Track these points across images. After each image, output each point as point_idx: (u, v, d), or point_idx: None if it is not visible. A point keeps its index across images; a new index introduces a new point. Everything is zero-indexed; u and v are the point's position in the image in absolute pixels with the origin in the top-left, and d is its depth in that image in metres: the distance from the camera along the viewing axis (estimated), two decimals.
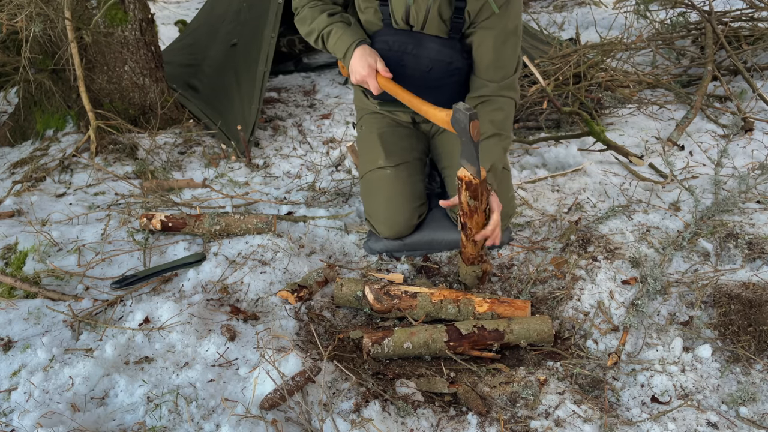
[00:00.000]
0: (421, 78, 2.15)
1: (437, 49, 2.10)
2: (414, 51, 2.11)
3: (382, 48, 2.13)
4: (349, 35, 2.12)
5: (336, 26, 2.15)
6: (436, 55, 2.11)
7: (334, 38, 2.14)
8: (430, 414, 1.64)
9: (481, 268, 2.13)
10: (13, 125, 3.46)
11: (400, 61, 2.13)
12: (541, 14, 5.55)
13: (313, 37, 2.22)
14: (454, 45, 2.11)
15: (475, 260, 2.10)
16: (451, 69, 2.14)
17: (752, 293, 1.92)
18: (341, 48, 2.13)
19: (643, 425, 1.60)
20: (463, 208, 1.95)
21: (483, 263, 2.12)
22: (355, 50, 2.09)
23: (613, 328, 1.91)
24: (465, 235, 2.03)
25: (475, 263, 2.11)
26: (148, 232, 2.40)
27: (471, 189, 1.88)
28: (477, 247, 2.04)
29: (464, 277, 2.17)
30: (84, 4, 3.11)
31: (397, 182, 2.29)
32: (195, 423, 1.59)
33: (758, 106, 3.37)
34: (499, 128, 2.11)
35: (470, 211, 1.94)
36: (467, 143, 1.83)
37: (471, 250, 2.06)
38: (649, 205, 2.51)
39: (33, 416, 1.58)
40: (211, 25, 4.05)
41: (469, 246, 2.05)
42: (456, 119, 1.85)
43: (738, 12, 4.10)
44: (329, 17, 2.17)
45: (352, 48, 2.10)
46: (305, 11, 2.22)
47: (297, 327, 1.95)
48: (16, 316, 1.97)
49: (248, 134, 3.12)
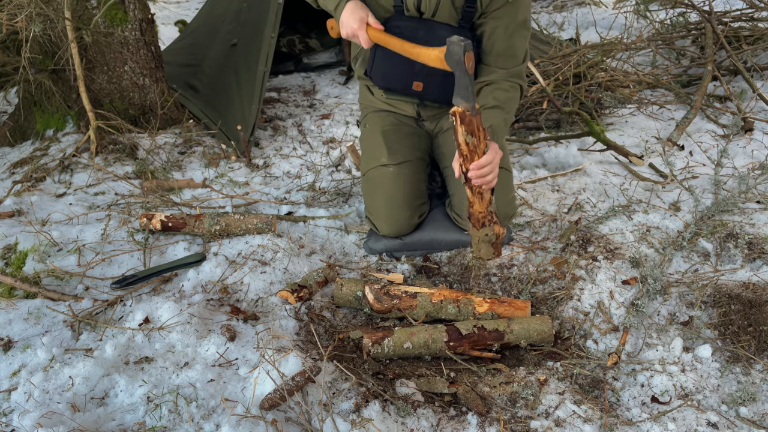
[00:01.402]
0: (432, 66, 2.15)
1: (447, 36, 2.11)
2: (425, 38, 2.11)
3: (393, 34, 2.12)
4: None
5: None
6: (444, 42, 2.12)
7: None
8: (430, 414, 1.64)
9: (493, 230, 1.99)
10: (13, 125, 3.46)
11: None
12: (541, 14, 5.55)
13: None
14: (464, 33, 2.12)
15: (485, 220, 1.97)
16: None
17: (752, 293, 1.92)
18: (333, 1, 2.12)
19: (643, 425, 1.60)
20: (462, 151, 1.84)
21: (494, 224, 1.99)
22: (347, 4, 2.08)
23: (613, 328, 1.91)
24: (470, 189, 1.91)
25: (486, 224, 1.98)
26: (148, 232, 2.40)
27: (466, 123, 1.79)
28: (485, 200, 1.93)
29: (478, 247, 2.04)
30: (84, 4, 3.11)
31: (399, 180, 2.29)
32: (195, 423, 1.59)
33: (758, 106, 3.37)
34: (501, 103, 2.11)
35: (470, 152, 1.83)
36: (462, 77, 1.78)
37: (479, 206, 1.94)
38: (649, 205, 2.51)
39: (33, 416, 1.58)
40: (211, 25, 4.05)
41: (476, 202, 1.93)
42: (450, 52, 1.80)
43: (738, 12, 4.10)
44: None
45: (344, 2, 2.09)
46: None
47: (297, 327, 1.95)
48: (16, 316, 1.97)
49: (248, 134, 3.12)
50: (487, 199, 1.94)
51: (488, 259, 2.09)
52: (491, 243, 2.03)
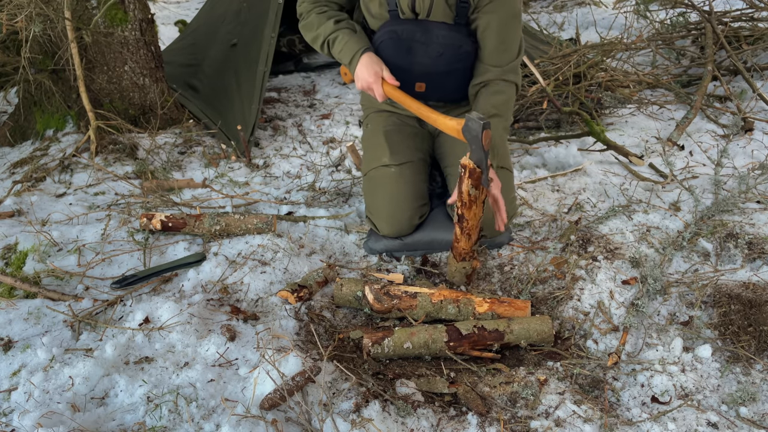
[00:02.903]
0: (432, 64, 2.18)
1: (445, 34, 2.14)
2: (422, 38, 2.14)
3: (390, 38, 2.16)
4: (355, 42, 2.15)
5: (342, 33, 2.18)
6: (444, 40, 2.15)
7: (340, 45, 2.18)
8: (430, 414, 1.64)
9: (471, 264, 2.12)
10: (13, 125, 3.46)
11: (409, 49, 2.16)
12: (541, 14, 5.55)
13: (319, 43, 2.25)
14: (461, 30, 2.15)
15: (466, 256, 2.09)
16: (461, 53, 2.17)
17: (752, 293, 1.91)
18: (347, 54, 2.16)
19: (643, 425, 1.60)
20: (463, 198, 1.94)
21: (473, 260, 2.11)
22: (361, 57, 2.13)
23: (613, 328, 1.91)
24: (460, 228, 2.02)
25: (467, 259, 2.10)
26: (148, 232, 2.40)
27: (474, 177, 1.87)
28: (471, 241, 2.04)
29: (452, 275, 2.16)
30: (84, 4, 3.11)
31: (400, 180, 2.29)
32: (195, 423, 1.59)
33: (758, 106, 3.37)
34: (499, 110, 2.16)
35: (470, 201, 1.93)
36: (477, 151, 1.85)
37: (465, 244, 2.05)
38: (649, 205, 2.51)
39: (33, 416, 1.58)
40: (211, 25, 4.05)
41: (463, 240, 2.04)
42: (468, 128, 1.86)
43: (738, 12, 4.10)
44: (336, 24, 2.20)
45: (358, 55, 2.14)
46: (312, 17, 2.25)
47: (297, 327, 1.95)
48: (16, 316, 1.97)
49: (248, 134, 3.12)
50: (474, 240, 2.04)
51: (460, 285, 2.19)
52: (466, 275, 2.15)
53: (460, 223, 2.00)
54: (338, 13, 2.25)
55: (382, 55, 2.18)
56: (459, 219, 2.00)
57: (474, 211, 1.96)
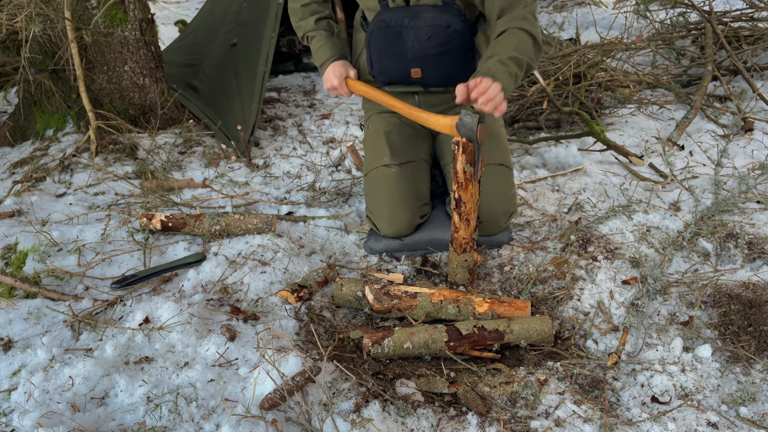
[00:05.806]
0: (422, 48, 2.17)
1: (433, 16, 2.14)
2: (411, 23, 2.15)
3: (379, 27, 2.19)
4: (328, 49, 2.31)
5: (319, 34, 2.33)
6: (432, 21, 2.14)
7: (316, 46, 2.34)
8: (430, 414, 1.64)
9: (472, 257, 2.10)
10: (13, 125, 3.46)
11: (399, 36, 2.17)
12: (541, 14, 5.55)
13: (300, 33, 2.40)
14: (450, 9, 2.14)
15: (467, 246, 2.07)
16: (450, 33, 2.14)
17: (752, 293, 1.91)
18: (319, 58, 2.33)
19: (643, 425, 1.60)
20: (458, 178, 1.92)
21: (474, 251, 2.09)
22: (330, 64, 2.28)
23: (613, 328, 1.91)
24: (458, 215, 2.00)
25: (467, 250, 2.08)
26: (148, 232, 2.40)
27: (467, 152, 1.87)
28: (470, 227, 2.02)
29: (454, 272, 2.15)
30: (84, 4, 3.11)
31: (401, 181, 2.29)
32: (195, 423, 1.59)
33: (758, 106, 3.37)
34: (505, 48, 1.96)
35: (465, 180, 1.92)
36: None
37: (464, 232, 2.03)
38: (649, 205, 2.51)
39: (33, 416, 1.58)
40: (211, 25, 4.05)
41: (462, 228, 2.02)
42: (463, 123, 1.86)
43: (738, 12, 4.10)
44: (316, 23, 2.34)
45: (328, 63, 2.29)
46: (296, 5, 2.37)
47: (297, 327, 1.95)
48: (16, 316, 1.97)
49: (248, 134, 3.12)
50: (473, 227, 2.03)
51: (462, 284, 2.17)
52: (468, 269, 2.13)
53: (458, 209, 1.99)
54: (320, 9, 2.36)
55: (375, 45, 2.22)
56: (456, 204, 1.98)
57: (470, 191, 1.94)
